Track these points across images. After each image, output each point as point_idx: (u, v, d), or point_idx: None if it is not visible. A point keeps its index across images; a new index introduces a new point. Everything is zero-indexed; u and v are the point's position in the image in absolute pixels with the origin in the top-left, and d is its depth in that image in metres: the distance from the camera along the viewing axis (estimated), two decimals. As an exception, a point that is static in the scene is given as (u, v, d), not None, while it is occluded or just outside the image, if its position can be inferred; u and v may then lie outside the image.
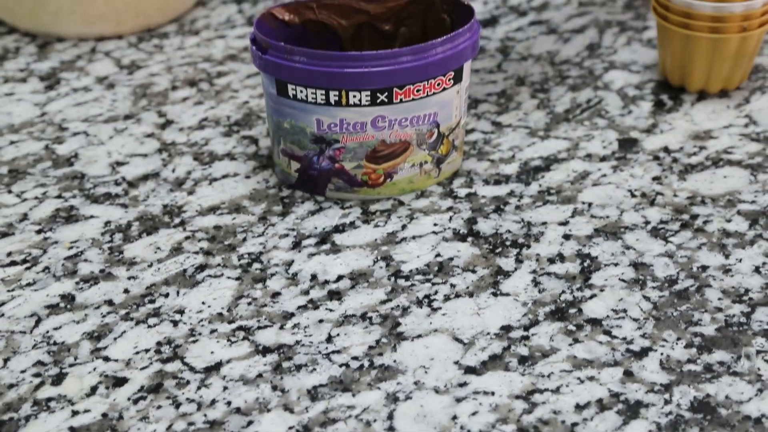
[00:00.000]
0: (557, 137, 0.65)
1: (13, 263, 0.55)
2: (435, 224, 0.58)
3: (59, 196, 0.60)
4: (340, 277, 0.54)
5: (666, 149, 0.63)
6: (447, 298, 0.52)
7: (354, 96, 0.54)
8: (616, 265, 0.54)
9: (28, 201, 0.60)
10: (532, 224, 0.57)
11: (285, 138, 0.57)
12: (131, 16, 0.73)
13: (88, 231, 0.58)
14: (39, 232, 0.58)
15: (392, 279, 0.54)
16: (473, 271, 0.54)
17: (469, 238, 0.56)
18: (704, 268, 0.54)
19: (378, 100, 0.55)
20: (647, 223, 0.57)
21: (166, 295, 0.53)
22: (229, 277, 0.54)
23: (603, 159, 0.62)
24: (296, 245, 0.56)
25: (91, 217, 0.59)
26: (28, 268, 0.55)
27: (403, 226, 0.57)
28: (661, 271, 0.54)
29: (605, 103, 0.68)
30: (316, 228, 0.57)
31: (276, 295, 0.53)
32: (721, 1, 0.63)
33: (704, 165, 0.61)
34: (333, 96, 0.54)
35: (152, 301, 0.53)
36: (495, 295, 0.52)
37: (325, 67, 0.54)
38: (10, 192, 0.61)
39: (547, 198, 0.59)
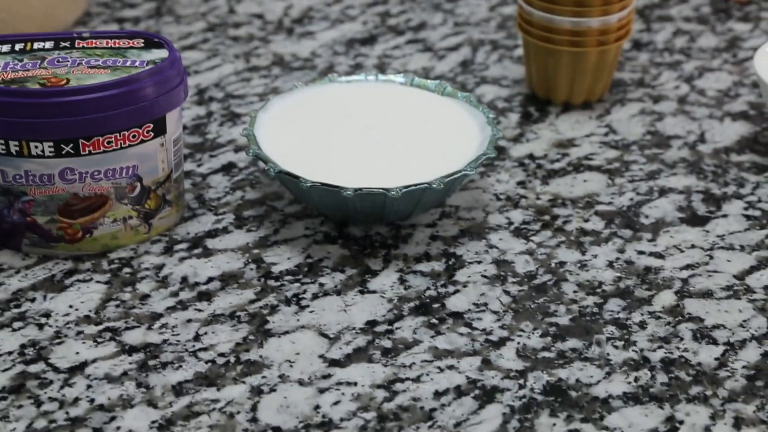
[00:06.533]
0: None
1: None
2: (306, 228, 0.59)
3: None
4: (210, 279, 0.55)
5: (531, 156, 0.66)
6: (315, 297, 0.53)
7: (36, 147, 0.51)
8: (479, 263, 0.56)
9: None
10: (401, 227, 0.59)
11: None
12: None
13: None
14: None
15: (262, 280, 0.55)
16: (342, 271, 0.55)
17: (339, 240, 0.58)
18: (562, 264, 0.56)
19: (63, 152, 0.51)
20: (510, 223, 0.59)
21: (33, 300, 0.53)
22: (98, 281, 0.54)
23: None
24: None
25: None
26: None
27: (276, 230, 0.59)
28: (522, 267, 0.56)
29: (475, 114, 0.70)
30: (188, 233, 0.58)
31: (145, 297, 0.53)
32: (579, 17, 0.66)
33: (566, 170, 0.64)
34: (13, 146, 0.51)
35: (18, 306, 0.53)
36: (362, 293, 0.54)
37: (1, 115, 0.51)
38: None
39: (417, 203, 0.61)
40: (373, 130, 0.59)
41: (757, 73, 0.64)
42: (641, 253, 0.57)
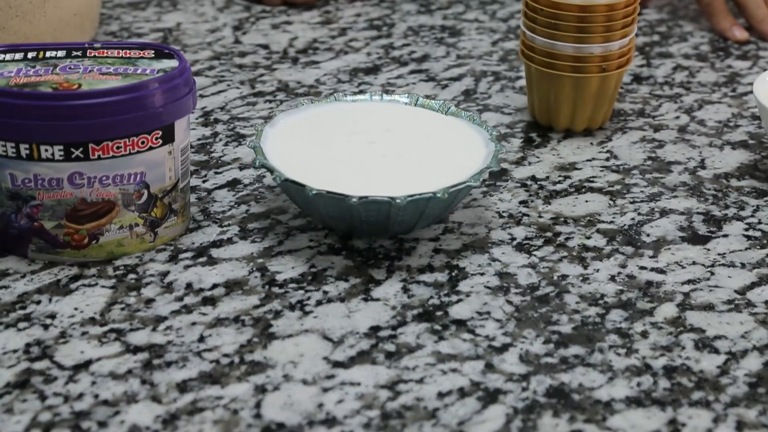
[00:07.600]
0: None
1: None
2: (311, 240, 0.59)
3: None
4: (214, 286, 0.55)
5: (533, 178, 0.66)
6: (319, 303, 0.54)
7: (46, 150, 0.52)
8: (482, 275, 0.56)
9: None
10: (405, 240, 0.59)
11: None
12: None
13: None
14: None
15: (266, 287, 0.55)
16: (346, 280, 0.56)
17: (344, 252, 0.58)
18: (564, 277, 0.56)
19: (73, 156, 0.52)
20: (513, 239, 0.60)
21: (38, 302, 0.53)
22: (103, 286, 0.55)
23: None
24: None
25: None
26: None
27: (280, 242, 0.59)
28: (524, 279, 0.56)
29: (478, 139, 0.71)
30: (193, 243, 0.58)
31: (150, 301, 0.54)
32: (581, 43, 0.68)
33: (568, 191, 0.65)
34: (24, 149, 0.52)
35: (23, 308, 0.53)
36: (366, 300, 0.54)
37: (12, 118, 0.51)
38: None
39: (420, 219, 0.62)
40: (378, 144, 0.60)
41: (758, 100, 0.65)
42: (643, 268, 0.57)
